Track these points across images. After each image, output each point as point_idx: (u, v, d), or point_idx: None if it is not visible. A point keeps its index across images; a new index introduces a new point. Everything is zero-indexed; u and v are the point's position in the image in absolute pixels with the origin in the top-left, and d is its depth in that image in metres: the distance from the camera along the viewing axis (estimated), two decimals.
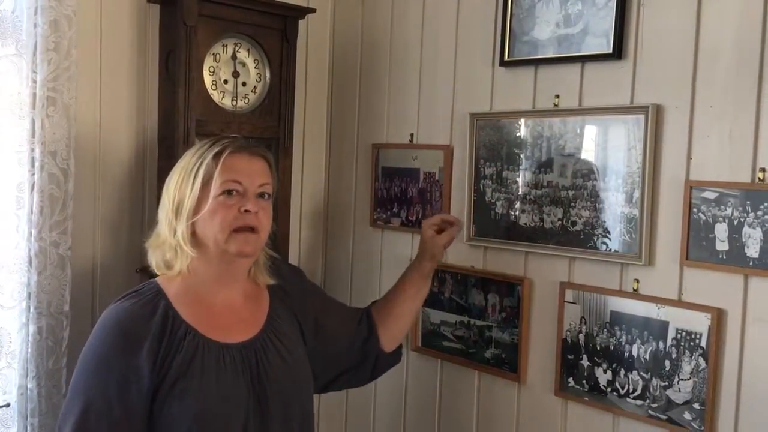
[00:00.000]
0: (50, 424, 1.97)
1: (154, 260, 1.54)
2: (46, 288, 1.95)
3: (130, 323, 1.42)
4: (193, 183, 1.46)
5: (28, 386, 1.94)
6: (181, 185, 1.48)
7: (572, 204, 2.03)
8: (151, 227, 2.23)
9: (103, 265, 2.20)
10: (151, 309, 1.44)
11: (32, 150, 1.91)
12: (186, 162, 1.50)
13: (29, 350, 1.93)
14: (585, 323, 2.01)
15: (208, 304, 1.50)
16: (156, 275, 1.54)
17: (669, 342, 1.84)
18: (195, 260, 1.49)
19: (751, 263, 1.70)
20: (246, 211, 1.45)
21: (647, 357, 1.88)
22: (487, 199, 2.22)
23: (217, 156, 1.46)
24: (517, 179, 2.15)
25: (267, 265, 1.62)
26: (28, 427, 1.95)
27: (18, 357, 1.95)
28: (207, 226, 1.45)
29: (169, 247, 1.50)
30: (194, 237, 1.47)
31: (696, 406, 1.80)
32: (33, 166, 1.91)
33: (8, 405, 1.97)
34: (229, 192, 1.46)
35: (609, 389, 1.96)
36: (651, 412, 1.88)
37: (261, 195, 1.50)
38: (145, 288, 1.50)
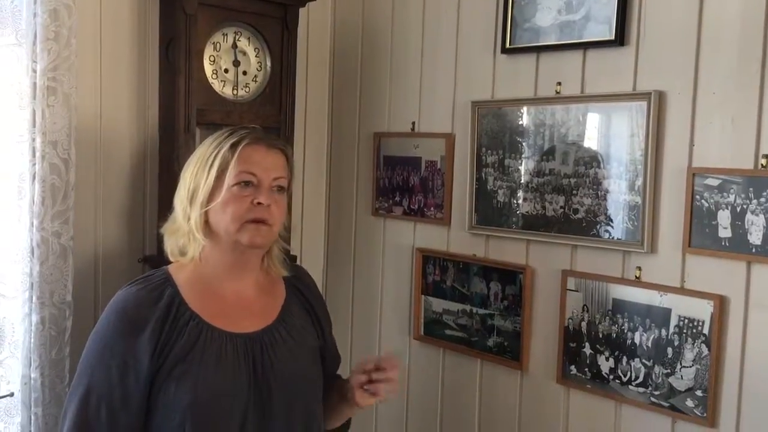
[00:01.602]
0: (54, 413, 1.98)
1: (169, 246, 1.55)
2: (48, 278, 1.95)
3: (134, 308, 1.43)
4: (209, 172, 1.46)
5: (32, 376, 1.94)
6: (197, 173, 1.48)
7: (574, 192, 2.02)
8: (153, 217, 2.25)
9: (105, 255, 2.20)
10: (157, 295, 1.44)
11: (33, 140, 1.91)
12: (204, 150, 1.50)
13: (32, 340, 1.94)
14: (587, 311, 2.01)
15: (217, 293, 1.50)
16: (158, 265, 1.53)
17: (671, 329, 1.84)
18: (207, 248, 1.49)
19: (753, 250, 1.70)
20: (258, 203, 1.45)
21: (649, 344, 1.88)
22: (489, 188, 2.22)
23: (233, 146, 1.46)
24: (519, 167, 2.15)
25: (281, 257, 1.62)
26: (32, 417, 1.95)
27: (21, 347, 1.95)
28: (219, 216, 1.46)
29: (182, 234, 1.50)
30: (207, 225, 1.48)
31: (698, 393, 1.80)
32: (34, 156, 1.91)
33: (12, 395, 1.97)
34: (243, 183, 1.46)
35: (611, 377, 1.97)
36: (653, 399, 1.88)
37: (275, 188, 1.50)
38: (154, 274, 1.51)
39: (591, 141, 2.00)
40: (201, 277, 1.50)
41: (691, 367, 1.81)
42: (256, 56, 2.34)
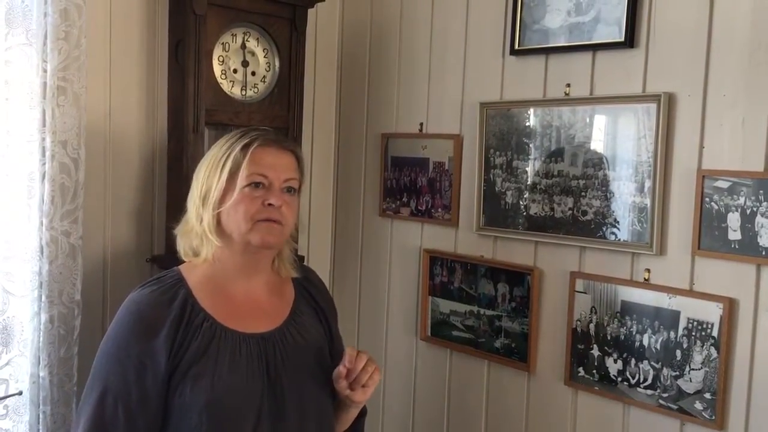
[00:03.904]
0: (62, 412, 1.99)
1: (182, 247, 1.56)
2: (57, 277, 1.95)
3: (149, 310, 1.43)
4: (221, 173, 1.47)
5: (40, 375, 1.95)
6: (209, 175, 1.49)
7: (583, 193, 2.02)
8: (161, 216, 2.26)
9: (114, 254, 2.20)
10: (170, 296, 1.45)
11: (43, 139, 1.91)
12: (215, 152, 1.51)
13: (41, 339, 1.94)
14: (595, 313, 2.00)
15: (229, 294, 1.51)
16: (166, 264, 1.54)
17: (680, 332, 1.84)
18: (219, 249, 1.50)
19: (763, 253, 1.69)
20: (269, 204, 1.46)
21: (658, 347, 1.88)
22: (497, 189, 2.22)
23: (245, 148, 1.48)
24: (528, 169, 2.15)
25: (291, 258, 1.63)
26: (41, 415, 1.96)
27: (30, 345, 1.95)
28: (231, 217, 1.47)
29: (195, 235, 1.51)
30: (219, 226, 1.49)
31: (707, 395, 1.79)
32: (44, 155, 1.91)
33: (20, 393, 1.98)
34: (255, 184, 1.47)
35: (619, 379, 1.96)
36: (661, 401, 1.88)
37: (287, 189, 1.51)
38: (166, 276, 1.52)
39: (600, 143, 2.00)
40: (212, 278, 1.51)
41: (699, 369, 1.81)
42: (264, 57, 2.34)
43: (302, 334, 1.56)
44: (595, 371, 2.01)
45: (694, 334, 1.81)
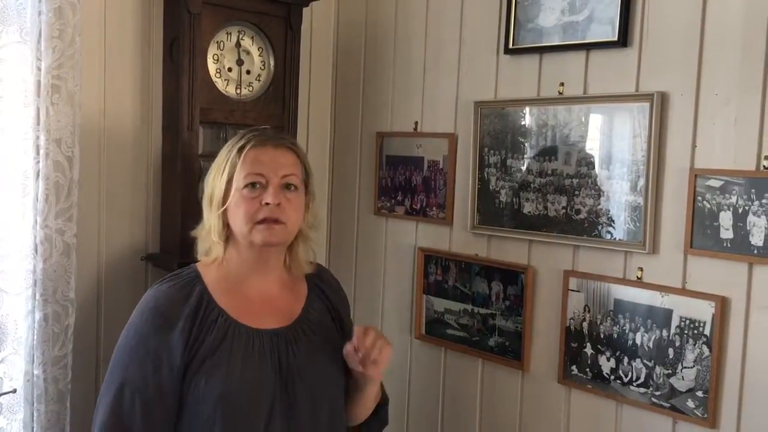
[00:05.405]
0: (56, 410, 1.99)
1: (198, 248, 1.60)
2: (51, 275, 1.96)
3: (166, 305, 1.47)
4: (221, 178, 1.51)
5: (34, 372, 1.95)
6: (213, 180, 1.54)
7: (576, 192, 2.02)
8: (156, 215, 2.27)
9: (108, 252, 2.21)
10: (187, 292, 1.49)
11: (37, 138, 1.92)
12: (218, 157, 1.56)
13: (35, 337, 1.95)
14: (589, 311, 2.01)
15: (243, 292, 1.54)
16: (161, 263, 1.56)
17: (673, 330, 1.84)
18: (229, 250, 1.54)
19: (755, 251, 1.70)
20: (267, 203, 1.48)
21: (651, 345, 1.89)
22: (491, 188, 2.22)
23: (240, 150, 1.51)
24: (522, 167, 2.15)
25: (307, 255, 1.64)
26: (35, 413, 1.96)
27: (24, 344, 1.96)
28: (233, 219, 1.51)
29: (207, 237, 1.56)
30: (229, 228, 1.53)
31: (699, 393, 1.80)
32: (38, 153, 1.92)
33: (15, 391, 1.98)
34: (252, 185, 1.49)
35: (612, 377, 1.97)
36: (654, 399, 1.88)
37: (286, 186, 1.52)
38: (184, 272, 1.55)
39: (593, 142, 2.00)
40: (227, 276, 1.54)
41: (692, 367, 1.81)
42: (259, 55, 2.35)
43: (314, 331, 1.58)
44: (588, 369, 2.02)
45: (686, 332, 1.82)
